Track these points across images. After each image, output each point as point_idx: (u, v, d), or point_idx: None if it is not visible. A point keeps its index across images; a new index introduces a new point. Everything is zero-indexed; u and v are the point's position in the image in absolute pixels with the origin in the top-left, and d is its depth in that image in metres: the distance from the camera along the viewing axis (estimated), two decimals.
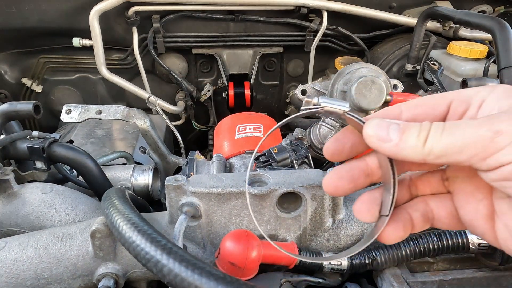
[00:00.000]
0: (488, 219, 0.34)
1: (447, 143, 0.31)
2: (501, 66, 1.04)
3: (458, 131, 0.31)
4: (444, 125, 0.32)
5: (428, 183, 0.39)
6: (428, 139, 0.32)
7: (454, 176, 0.37)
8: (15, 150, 0.79)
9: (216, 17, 1.52)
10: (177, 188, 0.55)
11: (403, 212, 0.38)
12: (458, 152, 0.31)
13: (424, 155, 0.32)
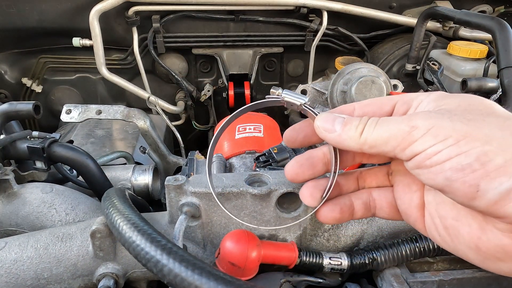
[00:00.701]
0: (419, 209, 0.39)
1: (377, 135, 0.36)
2: (501, 66, 1.04)
3: (386, 125, 0.36)
4: (377, 120, 0.37)
5: (375, 177, 0.44)
6: (363, 131, 0.37)
7: (396, 170, 0.42)
8: (15, 150, 0.79)
9: (216, 17, 1.52)
10: (177, 188, 0.55)
11: (345, 199, 0.44)
12: (385, 143, 0.35)
13: (360, 145, 0.37)
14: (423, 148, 0.33)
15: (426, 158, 0.33)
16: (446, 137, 0.32)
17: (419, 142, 0.33)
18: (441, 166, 0.32)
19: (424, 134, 0.33)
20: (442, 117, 0.33)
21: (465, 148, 0.31)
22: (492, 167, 0.30)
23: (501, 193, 0.30)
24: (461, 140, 0.31)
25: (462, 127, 0.32)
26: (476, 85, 1.08)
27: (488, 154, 0.30)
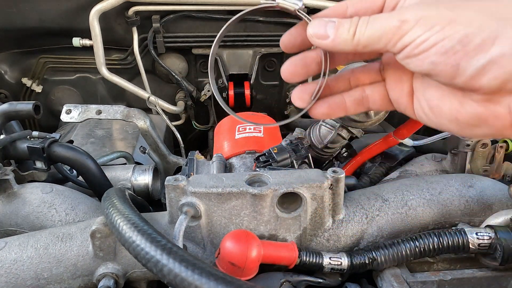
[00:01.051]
0: (409, 96, 0.43)
1: (369, 34, 0.38)
2: None
3: (378, 23, 0.38)
4: (368, 19, 0.38)
5: (368, 74, 0.47)
6: (356, 33, 0.39)
7: (387, 64, 0.45)
8: (15, 150, 0.79)
9: (216, 17, 1.52)
10: (177, 188, 0.55)
11: (337, 97, 0.47)
12: (377, 41, 0.38)
13: (354, 46, 0.39)
14: (412, 39, 0.36)
15: (414, 47, 0.36)
16: (432, 26, 0.35)
17: (409, 34, 0.36)
18: (427, 52, 0.35)
19: (413, 26, 0.36)
20: (429, 7, 0.36)
21: (449, 33, 0.34)
22: (471, 47, 0.33)
23: (478, 68, 0.34)
24: (446, 26, 0.34)
25: (448, 13, 0.35)
26: None
27: (469, 36, 0.34)
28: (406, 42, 0.36)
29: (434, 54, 0.35)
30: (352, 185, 0.79)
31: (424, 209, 0.63)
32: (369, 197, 0.65)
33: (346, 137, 0.78)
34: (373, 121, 0.73)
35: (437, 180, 0.68)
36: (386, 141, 0.86)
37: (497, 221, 0.59)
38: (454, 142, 0.81)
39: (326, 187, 0.56)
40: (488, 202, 0.65)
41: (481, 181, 0.68)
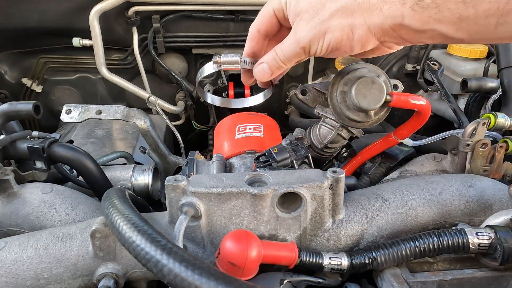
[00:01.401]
0: None
1: (287, 58, 0.61)
2: (501, 66, 1.04)
3: (287, 52, 0.61)
4: (281, 49, 0.61)
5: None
6: (280, 62, 0.62)
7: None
8: (15, 150, 0.79)
9: (216, 17, 1.52)
10: (177, 188, 0.55)
11: None
12: (295, 59, 0.62)
13: (284, 68, 0.63)
14: (314, 52, 0.59)
15: (317, 53, 0.59)
16: (319, 38, 0.57)
17: (311, 50, 0.59)
18: (327, 52, 0.59)
19: (308, 43, 0.57)
20: (309, 23, 0.57)
21: (328, 39, 0.57)
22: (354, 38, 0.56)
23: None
24: (325, 36, 0.57)
25: (321, 27, 0.56)
26: (476, 85, 1.08)
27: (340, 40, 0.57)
28: (312, 53, 0.59)
29: (331, 52, 0.58)
30: (352, 185, 0.79)
31: (424, 209, 0.63)
32: (369, 197, 0.65)
33: (346, 137, 0.78)
34: (373, 121, 0.73)
35: (437, 180, 0.68)
36: (386, 141, 0.86)
37: (497, 221, 0.59)
38: (454, 142, 0.81)
39: (326, 187, 0.56)
40: (488, 202, 0.65)
41: (481, 181, 0.68)
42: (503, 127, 0.84)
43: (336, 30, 0.55)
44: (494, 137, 0.86)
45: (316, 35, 0.57)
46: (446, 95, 1.18)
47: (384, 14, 0.51)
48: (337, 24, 0.55)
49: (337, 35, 0.55)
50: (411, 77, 1.41)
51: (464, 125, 1.02)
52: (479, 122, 0.78)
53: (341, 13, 0.54)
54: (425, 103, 0.73)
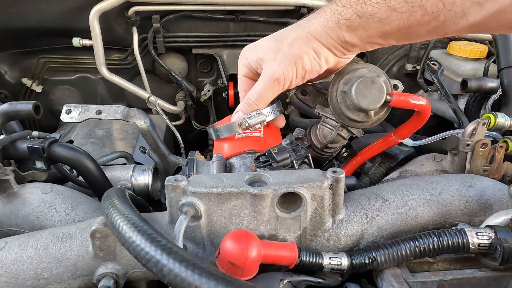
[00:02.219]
0: None
1: (255, 102, 0.72)
2: (501, 66, 1.04)
3: (256, 89, 0.71)
4: (247, 94, 0.72)
5: None
6: (255, 106, 0.73)
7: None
8: (15, 150, 0.79)
9: (216, 17, 1.52)
10: (177, 188, 0.55)
11: None
12: (266, 101, 0.72)
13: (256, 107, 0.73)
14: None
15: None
16: (280, 77, 0.67)
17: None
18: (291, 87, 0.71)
19: (279, 68, 0.66)
20: (274, 55, 0.67)
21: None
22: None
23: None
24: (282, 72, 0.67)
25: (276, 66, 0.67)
26: (476, 85, 1.08)
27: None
28: (287, 83, 0.69)
29: (306, 76, 0.69)
30: (352, 185, 0.79)
31: (424, 209, 0.63)
32: (369, 197, 0.65)
33: (346, 137, 0.78)
34: (373, 121, 0.73)
35: (437, 180, 0.68)
36: (386, 141, 0.86)
37: (497, 221, 0.59)
38: (454, 142, 0.81)
39: (326, 187, 0.56)
40: (488, 202, 0.65)
41: (481, 181, 0.68)
42: (503, 127, 0.84)
43: (303, 54, 0.65)
44: (494, 137, 0.86)
45: (287, 65, 0.66)
46: (446, 95, 1.18)
47: (330, 37, 0.64)
48: (300, 51, 0.65)
49: (305, 58, 0.66)
50: (411, 77, 1.41)
51: (464, 125, 1.02)
52: (479, 122, 0.78)
53: (299, 42, 0.65)
54: (425, 103, 0.73)
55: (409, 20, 0.57)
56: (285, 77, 0.67)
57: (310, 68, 0.67)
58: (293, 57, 0.66)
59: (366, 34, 0.62)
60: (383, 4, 0.57)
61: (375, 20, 0.59)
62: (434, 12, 0.55)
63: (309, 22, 0.66)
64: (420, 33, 0.59)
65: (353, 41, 0.64)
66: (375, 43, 0.64)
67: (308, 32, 0.65)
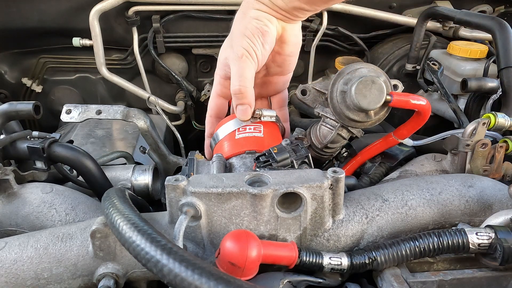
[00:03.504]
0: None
1: (240, 84, 0.71)
2: (501, 66, 1.04)
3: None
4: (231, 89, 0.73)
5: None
6: (242, 93, 0.71)
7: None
8: (15, 150, 0.79)
9: (216, 17, 1.52)
10: (177, 188, 0.55)
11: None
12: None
13: (251, 92, 0.72)
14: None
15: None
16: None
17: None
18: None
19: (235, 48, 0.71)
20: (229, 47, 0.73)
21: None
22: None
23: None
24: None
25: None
26: (476, 85, 1.08)
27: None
28: (253, 56, 0.71)
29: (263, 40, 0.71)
30: (352, 185, 0.79)
31: (424, 209, 0.63)
32: (369, 197, 0.65)
33: (346, 137, 0.78)
34: (373, 121, 0.73)
35: (437, 180, 0.68)
36: (386, 141, 0.85)
37: (497, 221, 0.59)
38: (454, 142, 0.81)
39: (326, 187, 0.56)
40: (488, 202, 0.65)
41: (481, 181, 0.68)
42: (503, 127, 0.84)
43: (246, 25, 0.70)
44: (494, 137, 0.86)
45: (240, 40, 0.69)
46: (446, 95, 1.18)
47: (261, 2, 0.70)
48: (243, 25, 0.71)
49: (249, 26, 0.69)
50: (411, 77, 1.41)
51: (464, 125, 1.02)
52: (479, 122, 0.78)
53: (239, 19, 0.72)
54: (425, 103, 0.73)
55: None
56: (246, 50, 0.69)
57: (260, 33, 0.69)
58: (240, 33, 0.70)
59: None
60: None
61: None
62: None
63: (243, 1, 0.73)
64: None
65: (278, 3, 0.69)
66: (299, 8, 0.69)
67: (241, 10, 0.72)
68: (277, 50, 0.75)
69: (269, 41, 0.72)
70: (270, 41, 0.72)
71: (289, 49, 0.77)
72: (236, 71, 0.70)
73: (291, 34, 0.75)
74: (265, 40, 0.70)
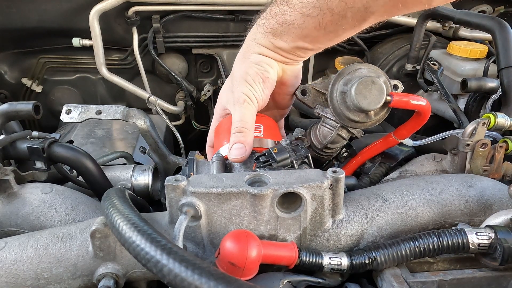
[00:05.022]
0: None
1: (240, 125, 0.71)
2: (501, 66, 1.04)
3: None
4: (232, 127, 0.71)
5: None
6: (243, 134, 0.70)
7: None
8: (15, 150, 0.79)
9: (216, 17, 1.52)
10: (177, 188, 0.55)
11: None
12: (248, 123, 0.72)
13: (250, 136, 0.71)
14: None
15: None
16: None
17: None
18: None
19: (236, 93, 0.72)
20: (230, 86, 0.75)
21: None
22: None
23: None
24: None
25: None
26: (476, 85, 1.08)
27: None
28: (253, 99, 0.72)
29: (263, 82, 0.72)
30: (352, 185, 0.79)
31: (424, 209, 0.63)
32: (369, 197, 0.65)
33: (346, 137, 0.78)
34: (373, 121, 0.73)
35: (437, 180, 0.68)
36: (386, 141, 0.85)
37: (497, 221, 0.59)
38: (454, 142, 0.81)
39: (326, 187, 0.56)
40: (488, 202, 0.65)
41: (481, 181, 0.68)
42: (503, 127, 0.84)
43: (247, 70, 0.71)
44: (494, 137, 0.86)
45: (242, 86, 0.71)
46: (446, 95, 1.18)
47: (261, 45, 0.71)
48: (243, 70, 0.72)
49: (250, 72, 0.71)
50: (411, 77, 1.41)
51: (464, 125, 1.02)
52: (479, 122, 0.78)
53: (239, 63, 0.74)
54: (425, 103, 0.73)
55: (323, 22, 0.63)
56: (248, 95, 0.71)
57: (260, 79, 0.71)
58: (241, 78, 0.71)
59: (290, 39, 0.68)
60: (297, 12, 0.65)
61: (294, 26, 0.66)
62: (341, 12, 0.61)
63: (244, 43, 0.74)
64: (338, 32, 0.66)
65: (281, 45, 0.70)
66: (303, 48, 0.70)
67: (242, 52, 0.74)
68: (276, 90, 0.77)
69: (269, 86, 0.73)
70: (270, 86, 0.73)
71: (288, 90, 0.79)
72: (237, 116, 0.71)
73: (291, 75, 0.77)
74: (265, 85, 0.72)
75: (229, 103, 0.74)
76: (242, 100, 0.71)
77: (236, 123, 0.71)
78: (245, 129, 0.70)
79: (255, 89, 0.71)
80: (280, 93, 0.79)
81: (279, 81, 0.76)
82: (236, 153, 0.68)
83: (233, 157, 0.68)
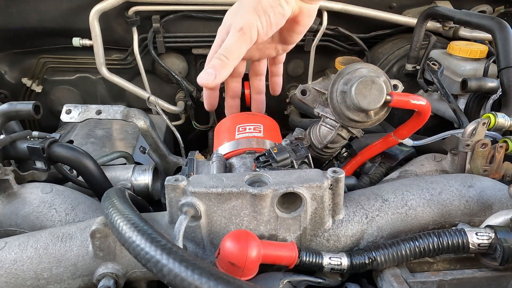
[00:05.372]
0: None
1: (223, 53, 0.67)
2: (501, 66, 1.04)
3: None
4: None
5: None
6: (220, 61, 0.66)
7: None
8: (15, 150, 0.79)
9: (216, 17, 1.52)
10: (177, 188, 0.55)
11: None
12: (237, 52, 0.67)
13: (228, 68, 0.67)
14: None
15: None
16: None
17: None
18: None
19: (241, 20, 0.66)
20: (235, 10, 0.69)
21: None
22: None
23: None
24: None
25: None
26: (476, 85, 1.08)
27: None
28: (254, 35, 0.67)
29: (275, 25, 0.68)
30: (352, 185, 0.79)
31: (424, 209, 0.63)
32: (369, 197, 0.65)
33: (346, 137, 0.78)
34: (373, 121, 0.73)
35: (437, 180, 0.68)
36: (386, 141, 0.86)
37: (497, 221, 0.59)
38: (454, 142, 0.81)
39: (326, 187, 0.56)
40: (488, 202, 0.65)
41: (481, 181, 0.68)
42: (503, 127, 0.84)
43: (266, 3, 0.65)
44: (494, 137, 0.86)
45: (248, 14, 0.65)
46: (446, 95, 1.18)
47: None
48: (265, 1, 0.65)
49: (264, 1, 0.64)
50: (411, 77, 1.41)
51: (464, 125, 1.02)
52: (479, 122, 0.78)
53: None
54: (425, 103, 0.73)
55: None
56: (249, 25, 0.65)
57: (272, 11, 0.65)
58: (250, 5, 0.65)
59: None
60: None
61: None
62: None
63: None
64: None
65: None
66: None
67: None
68: (287, 27, 0.71)
69: (278, 22, 0.68)
70: (279, 22, 0.68)
71: (299, 29, 0.74)
72: (226, 43, 0.66)
73: (307, 15, 0.71)
74: (274, 21, 0.66)
75: (231, 18, 0.69)
76: (238, 27, 0.65)
77: (221, 50, 0.66)
78: (225, 58, 0.65)
79: (261, 21, 0.65)
80: (290, 30, 0.74)
81: (292, 19, 0.70)
82: (204, 76, 0.65)
83: (199, 80, 0.66)
